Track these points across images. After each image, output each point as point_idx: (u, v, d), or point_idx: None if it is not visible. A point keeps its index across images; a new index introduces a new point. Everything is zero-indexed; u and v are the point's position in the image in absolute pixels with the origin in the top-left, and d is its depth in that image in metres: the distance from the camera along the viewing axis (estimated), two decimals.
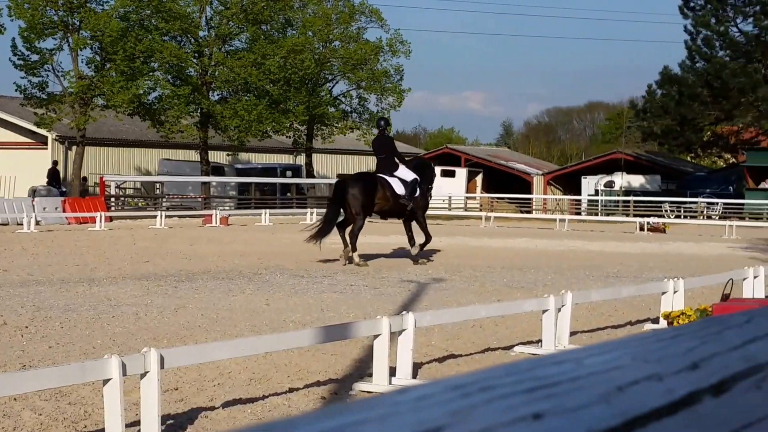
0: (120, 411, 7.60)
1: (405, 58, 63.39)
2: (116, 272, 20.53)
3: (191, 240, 31.29)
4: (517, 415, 1.01)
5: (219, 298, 16.57)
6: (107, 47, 48.47)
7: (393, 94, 62.20)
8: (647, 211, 54.69)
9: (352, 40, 61.19)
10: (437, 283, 19.21)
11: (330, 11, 60.76)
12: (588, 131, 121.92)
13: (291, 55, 53.52)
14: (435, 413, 0.97)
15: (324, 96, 61.44)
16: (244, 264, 22.85)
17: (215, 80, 53.55)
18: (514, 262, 24.90)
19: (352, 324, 10.68)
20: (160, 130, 52.39)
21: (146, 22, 51.24)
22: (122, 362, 7.67)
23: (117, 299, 16.06)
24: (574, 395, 1.09)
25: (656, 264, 24.94)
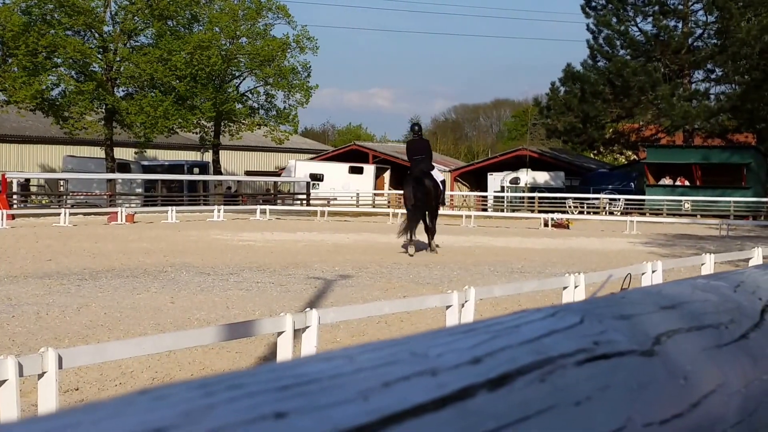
0: (16, 413, 7.49)
1: (312, 55, 63.59)
2: (17, 271, 20.21)
3: (96, 238, 30.93)
4: (258, 414, 0.96)
5: (123, 296, 16.41)
6: (8, 42, 47.68)
7: (300, 91, 62.18)
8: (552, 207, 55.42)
9: (259, 37, 61.00)
10: (343, 280, 19.22)
11: (237, 7, 60.49)
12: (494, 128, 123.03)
13: (197, 51, 53.17)
14: (166, 413, 0.92)
15: (231, 92, 61.18)
16: (149, 262, 22.66)
17: (120, 76, 52.99)
18: (421, 258, 25.02)
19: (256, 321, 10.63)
20: (64, 126, 51.69)
21: (49, 17, 50.50)
22: (18, 363, 7.56)
23: (18, 298, 15.82)
24: (331, 393, 1.05)
25: (559, 259, 25.25)
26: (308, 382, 1.06)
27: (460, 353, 1.25)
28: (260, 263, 22.75)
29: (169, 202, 50.04)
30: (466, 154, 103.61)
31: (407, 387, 1.11)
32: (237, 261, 23.23)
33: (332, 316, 11.05)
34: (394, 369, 1.15)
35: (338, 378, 1.09)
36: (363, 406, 1.04)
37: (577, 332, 1.50)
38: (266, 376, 1.05)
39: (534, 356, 1.32)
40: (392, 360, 1.17)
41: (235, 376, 1.04)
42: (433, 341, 1.28)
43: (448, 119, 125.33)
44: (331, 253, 26.01)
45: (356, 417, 1.01)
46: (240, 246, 28.68)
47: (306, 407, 1.00)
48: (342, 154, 74.21)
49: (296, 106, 62.51)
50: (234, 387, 1.00)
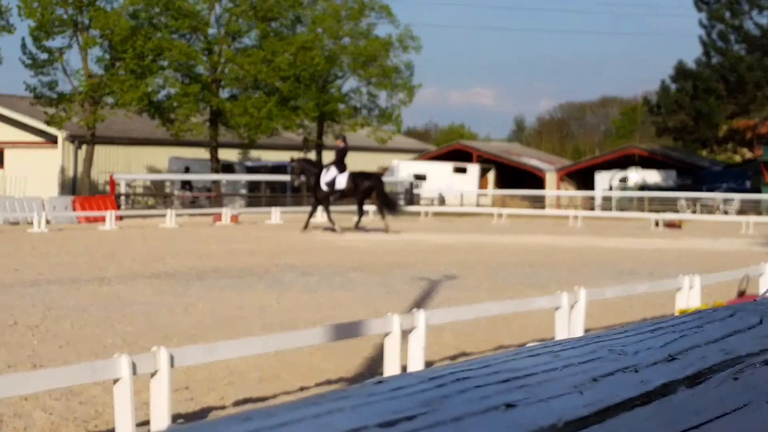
0: (130, 410, 7.57)
1: (415, 54, 63.35)
2: (126, 271, 20.49)
3: (202, 239, 31.25)
4: (490, 404, 1.03)
5: (229, 296, 16.52)
6: (117, 46, 48.41)
7: (403, 90, 62.09)
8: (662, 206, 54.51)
9: (362, 37, 61.08)
10: (448, 281, 19.13)
11: (340, 7, 60.65)
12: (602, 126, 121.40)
13: (301, 52, 53.41)
14: (408, 403, 1.00)
15: (334, 93, 61.33)
16: (254, 262, 22.80)
17: (225, 78, 53.48)
18: (527, 258, 24.81)
19: (363, 322, 10.62)
20: (170, 128, 52.35)
21: (156, 20, 51.18)
22: (132, 361, 7.65)
23: (127, 298, 16.03)
24: (548, 386, 1.12)
25: (671, 260, 24.84)
26: (525, 375, 1.15)
27: (655, 351, 1.34)
28: (364, 264, 22.74)
29: (273, 203, 50.38)
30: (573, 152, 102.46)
31: (614, 382, 1.19)
32: (341, 261, 23.25)
33: (439, 317, 10.99)
34: (598, 365, 1.24)
35: (551, 372, 1.18)
36: (580, 399, 1.12)
37: (759, 332, 1.58)
38: (484, 370, 1.15)
39: (723, 355, 1.40)
40: (593, 357, 1.27)
41: (458, 369, 1.13)
42: (625, 339, 1.39)
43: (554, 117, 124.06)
44: (435, 254, 25.92)
45: (576, 409, 1.08)
46: (344, 246, 28.74)
47: (530, 399, 1.07)
48: (445, 153, 73.92)
49: (399, 106, 62.49)
50: (461, 380, 1.09)
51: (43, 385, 7.46)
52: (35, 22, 47.93)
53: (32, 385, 7.35)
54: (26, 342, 11.94)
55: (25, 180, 52.40)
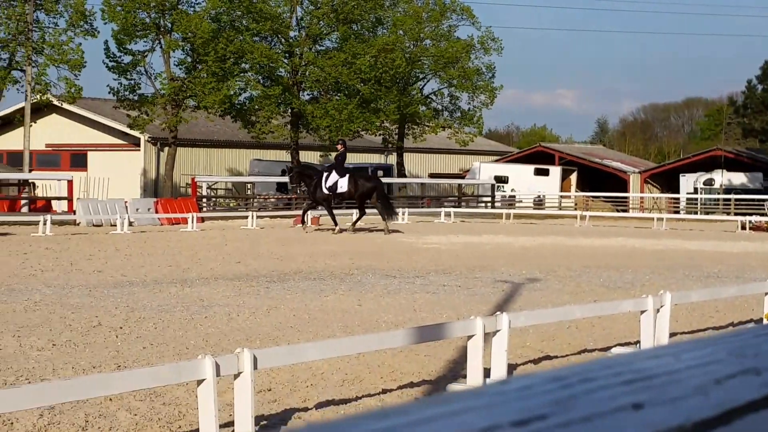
0: (214, 411, 7.58)
1: (497, 56, 63.02)
2: (208, 273, 20.58)
3: (282, 240, 31.34)
4: (618, 405, 1.05)
5: (311, 298, 16.51)
6: (199, 48, 48.83)
7: (485, 92, 61.91)
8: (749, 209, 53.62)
9: (443, 38, 61.01)
10: (531, 284, 18.97)
11: (421, 9, 60.65)
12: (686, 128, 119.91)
13: (382, 54, 53.46)
14: (537, 402, 1.02)
15: (415, 95, 61.33)
16: (335, 264, 22.79)
17: (306, 80, 53.70)
18: (611, 261, 24.51)
19: (446, 324, 10.55)
20: (251, 130, 52.67)
21: (237, 23, 51.55)
22: (216, 363, 7.66)
23: (210, 300, 16.08)
24: (672, 387, 1.14)
25: (759, 263, 24.41)
26: (649, 377, 1.16)
27: None
28: (446, 266, 22.63)
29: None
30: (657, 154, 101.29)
31: (736, 385, 1.20)
32: (422, 264, 23.16)
33: (523, 320, 10.87)
34: (719, 367, 1.25)
35: (674, 374, 1.19)
36: (705, 400, 1.13)
37: None
38: (607, 371, 1.17)
39: None
40: (713, 359, 1.28)
41: (582, 370, 1.16)
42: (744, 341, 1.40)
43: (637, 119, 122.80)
44: (517, 256, 25.73)
45: (702, 410, 1.09)
46: (425, 249, 28.65)
47: (657, 399, 1.09)
48: (527, 155, 73.49)
49: (480, 108, 62.34)
50: (587, 380, 1.12)
51: (128, 385, 7.49)
52: (118, 26, 48.54)
53: (117, 385, 7.39)
54: (110, 343, 12.01)
55: (107, 182, 53.06)
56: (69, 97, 46.78)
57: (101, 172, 56.96)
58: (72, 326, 13.11)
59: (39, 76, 45.47)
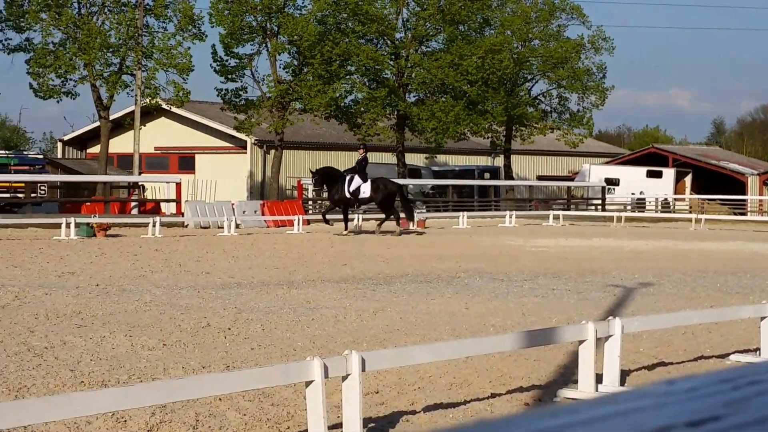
0: (322, 413, 7.57)
1: (608, 55, 62.29)
2: (315, 275, 20.63)
3: (389, 243, 31.32)
4: None
5: (418, 301, 16.42)
6: (305, 51, 49.08)
7: (595, 93, 61.26)
8: None
9: (552, 39, 60.54)
10: (644, 288, 18.64)
11: (529, 9, 60.26)
12: None
13: (489, 55, 53.19)
14: (708, 404, 0.99)
15: (523, 96, 60.94)
16: (442, 267, 22.67)
17: (412, 82, 53.67)
18: (727, 266, 23.97)
19: (556, 329, 10.40)
20: (357, 132, 52.80)
21: (343, 26, 51.71)
22: (324, 364, 7.65)
23: (316, 302, 16.09)
24: None
25: None
26: None
27: None
28: (555, 270, 22.36)
29: (460, 208, 50.29)
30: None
31: None
32: (531, 267, 22.92)
33: (636, 325, 10.66)
34: None
35: None
36: None
37: None
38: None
39: None
40: None
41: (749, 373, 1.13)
42: None
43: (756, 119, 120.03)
44: (629, 260, 25.34)
45: None
46: (533, 252, 28.39)
47: None
48: (639, 157, 72.34)
49: (590, 109, 61.73)
50: (756, 383, 1.08)
51: (237, 386, 7.52)
52: (226, 30, 49.02)
53: (227, 385, 7.42)
54: (219, 343, 12.07)
55: (215, 184, 53.66)
56: (177, 100, 47.39)
57: (208, 174, 57.62)
58: (182, 326, 13.21)
59: (148, 80, 46.13)
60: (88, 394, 7.25)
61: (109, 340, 11.98)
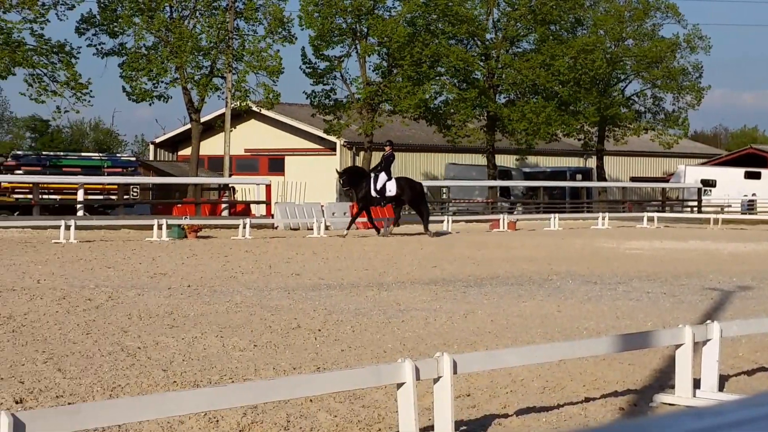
0: (414, 415, 7.53)
1: (704, 54, 61.37)
2: (404, 276, 20.57)
3: (478, 245, 31.14)
4: None
5: (509, 303, 16.28)
6: (394, 53, 49.08)
7: (691, 93, 60.40)
8: None
9: (646, 38, 59.82)
10: (743, 292, 18.27)
11: (623, 8, 59.62)
12: None
13: (581, 55, 52.71)
14: None
15: (616, 96, 60.27)
16: (533, 269, 22.46)
17: (502, 83, 53.40)
18: None
19: (652, 332, 10.23)
20: (447, 134, 52.65)
21: (433, 27, 51.61)
22: (416, 366, 7.61)
23: (406, 304, 16.03)
24: None
25: None
26: None
27: None
28: (649, 272, 22.02)
29: (552, 209, 49.91)
30: None
31: None
32: (624, 270, 22.59)
33: (736, 329, 10.43)
34: None
35: None
36: None
37: None
38: None
39: None
40: None
41: None
42: None
43: None
44: (727, 263, 24.88)
45: None
46: (627, 254, 28.03)
47: None
48: (736, 158, 71.00)
49: (686, 109, 60.87)
50: None
51: (329, 387, 7.50)
52: (315, 32, 49.21)
53: (318, 386, 7.41)
54: (309, 345, 12.07)
55: (304, 186, 53.89)
56: (267, 102, 47.67)
57: (298, 176, 57.89)
58: (272, 327, 13.24)
59: (239, 83, 46.47)
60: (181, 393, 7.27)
61: (200, 341, 12.04)
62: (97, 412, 6.08)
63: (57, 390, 9.27)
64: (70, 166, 44.44)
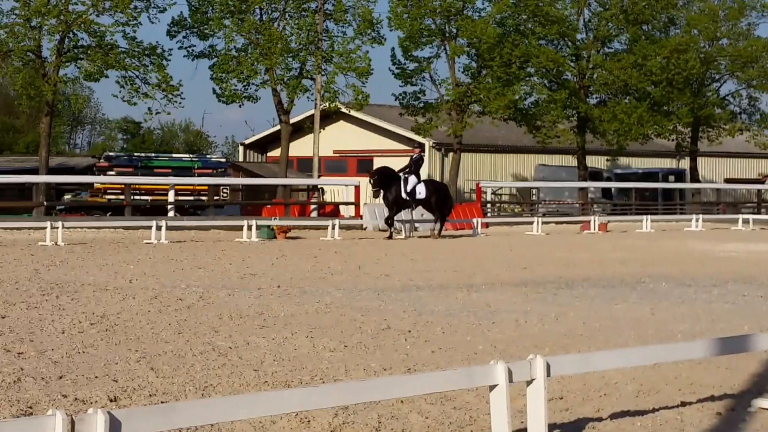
0: (507, 418, 7.46)
1: None
2: (494, 278, 20.44)
3: (569, 247, 30.88)
4: None
5: (600, 306, 16.09)
6: (484, 54, 48.86)
7: None
8: None
9: (741, 37, 58.85)
10: None
11: (717, 7, 58.71)
12: None
13: (674, 55, 51.99)
14: None
15: (710, 96, 59.38)
16: (625, 272, 22.19)
17: (593, 83, 52.89)
18: None
19: (751, 336, 10.01)
20: (536, 135, 52.28)
21: (523, 27, 51.29)
22: (508, 368, 7.52)
23: (496, 305, 15.92)
24: None
25: None
26: None
27: None
28: (745, 275, 21.63)
29: (644, 211, 49.31)
30: None
31: None
32: (719, 272, 22.22)
33: None
34: None
35: None
36: None
37: None
38: None
39: None
40: None
41: None
42: None
43: None
44: None
45: None
46: (721, 257, 27.57)
47: None
48: None
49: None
50: None
51: (421, 388, 7.45)
52: (405, 33, 49.21)
53: (411, 388, 7.36)
54: (399, 346, 12.02)
55: None
56: (356, 104, 47.76)
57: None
58: (362, 328, 13.22)
59: (328, 84, 46.62)
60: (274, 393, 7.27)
61: (291, 341, 12.06)
62: (191, 411, 6.09)
63: (150, 389, 9.34)
64: (162, 167, 44.99)
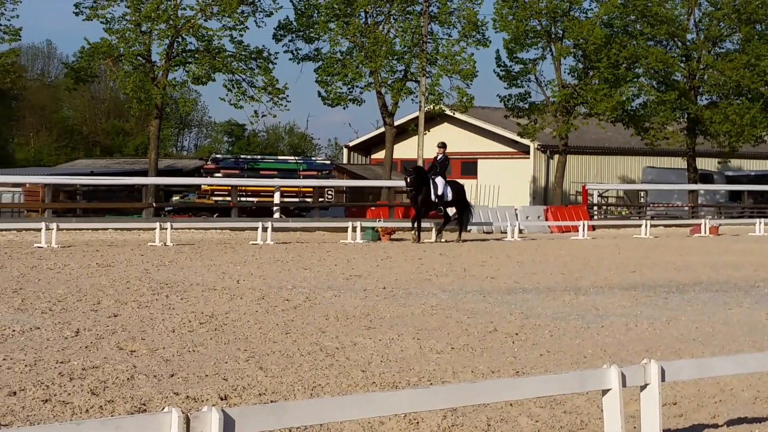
0: (620, 422, 7.34)
1: None
2: (602, 281, 20.16)
3: (679, 250, 30.38)
4: None
5: (713, 310, 15.74)
6: (590, 55, 48.36)
7: None
8: None
9: None
10: None
11: None
12: None
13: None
14: None
15: None
16: (738, 276, 21.71)
17: (704, 84, 52.00)
18: None
19: None
20: (645, 137, 51.56)
21: (631, 28, 50.64)
22: (621, 373, 7.38)
23: (605, 309, 15.69)
24: None
25: None
26: None
27: None
28: None
29: (757, 214, 48.31)
30: None
31: None
32: None
33: None
34: None
35: None
36: None
37: None
38: None
39: None
40: None
41: None
42: None
43: None
44: None
45: None
46: None
47: None
48: None
49: None
50: None
51: (532, 391, 7.33)
52: (510, 35, 48.95)
53: (522, 391, 7.25)
54: (507, 348, 11.90)
55: (497, 189, 53.64)
56: (461, 106, 47.62)
57: (491, 179, 57.62)
58: (468, 330, 13.13)
59: (432, 87, 46.57)
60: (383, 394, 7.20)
61: (397, 343, 12.01)
62: (302, 411, 6.07)
63: (259, 388, 9.36)
64: (267, 169, 45.37)
